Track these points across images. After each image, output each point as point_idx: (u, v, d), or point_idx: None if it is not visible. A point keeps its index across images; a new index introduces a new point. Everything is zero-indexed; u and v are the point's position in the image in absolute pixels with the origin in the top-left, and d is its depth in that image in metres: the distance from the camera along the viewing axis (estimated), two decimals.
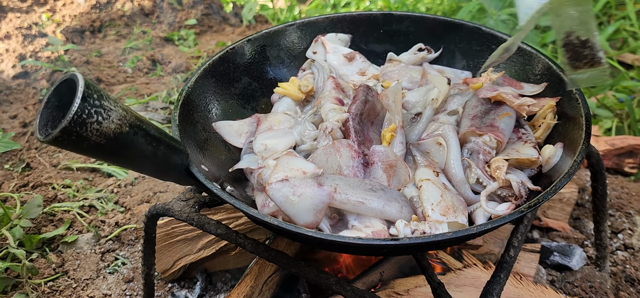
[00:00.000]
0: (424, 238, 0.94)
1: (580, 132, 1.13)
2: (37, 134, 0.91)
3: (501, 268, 1.08)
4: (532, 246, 1.60)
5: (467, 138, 1.20)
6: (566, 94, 1.25)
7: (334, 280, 1.08)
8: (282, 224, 0.96)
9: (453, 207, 1.07)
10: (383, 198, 1.08)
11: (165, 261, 1.64)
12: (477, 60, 1.50)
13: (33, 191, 2.09)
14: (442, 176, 1.16)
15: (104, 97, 0.89)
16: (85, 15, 3.46)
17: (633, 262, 1.69)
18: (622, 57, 2.83)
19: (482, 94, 1.26)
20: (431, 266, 1.09)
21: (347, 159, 1.15)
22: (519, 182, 1.10)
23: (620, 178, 2.06)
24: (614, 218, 1.86)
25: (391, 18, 1.58)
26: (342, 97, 1.36)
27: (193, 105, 1.31)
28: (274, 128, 1.32)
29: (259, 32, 1.52)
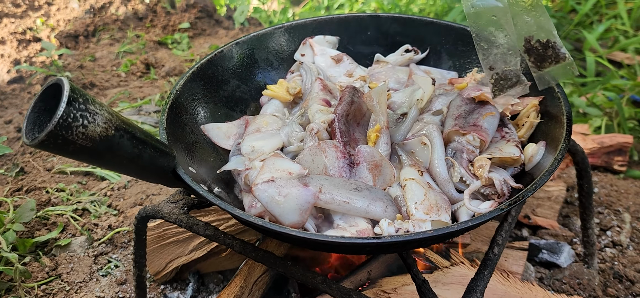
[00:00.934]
0: (406, 237, 0.95)
1: (562, 130, 1.14)
2: (24, 137, 0.92)
3: (485, 266, 1.10)
4: (520, 244, 1.62)
5: (451, 137, 1.21)
6: (549, 93, 1.26)
7: (320, 279, 1.09)
8: (267, 224, 0.98)
9: (436, 206, 1.09)
10: (368, 198, 1.10)
11: (157, 263, 1.66)
12: (463, 60, 1.52)
13: (27, 195, 2.11)
14: (427, 175, 1.17)
15: (90, 101, 0.91)
16: (80, 20, 3.47)
17: (621, 258, 1.71)
18: (612, 56, 2.85)
19: (466, 94, 1.28)
20: (416, 264, 1.10)
21: (332, 160, 1.17)
22: (502, 180, 1.12)
23: (609, 176, 2.07)
24: (603, 215, 1.88)
25: (378, 20, 1.60)
26: (330, 98, 1.38)
27: (181, 108, 1.32)
28: (262, 130, 1.34)
29: (247, 35, 1.54)
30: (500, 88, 1.14)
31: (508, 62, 1.12)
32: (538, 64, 1.11)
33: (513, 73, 1.12)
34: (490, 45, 1.11)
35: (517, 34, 1.10)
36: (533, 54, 1.11)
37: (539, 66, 1.11)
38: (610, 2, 3.27)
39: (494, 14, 1.11)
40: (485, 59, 1.14)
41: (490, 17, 1.11)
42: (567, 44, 3.02)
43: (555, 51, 1.10)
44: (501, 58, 1.12)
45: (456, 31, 1.51)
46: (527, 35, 1.10)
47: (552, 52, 1.10)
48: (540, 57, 1.11)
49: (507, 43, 1.10)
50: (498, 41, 1.11)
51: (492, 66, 1.14)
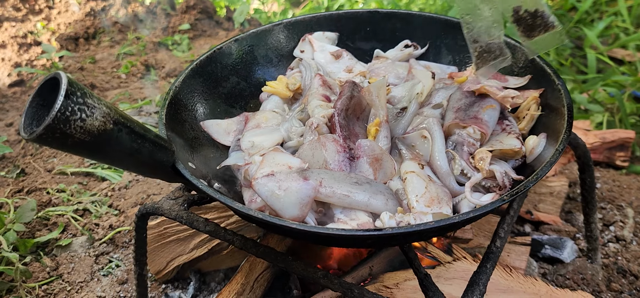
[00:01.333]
0: (407, 229, 0.95)
1: (563, 122, 1.14)
2: (22, 132, 0.92)
3: (487, 259, 1.09)
4: (522, 239, 1.61)
5: (451, 130, 1.21)
6: (549, 85, 1.26)
7: (321, 274, 1.08)
8: (267, 217, 0.97)
9: (437, 199, 1.08)
10: (368, 191, 1.09)
11: (158, 262, 1.65)
12: (462, 55, 1.51)
13: (28, 196, 2.10)
14: (427, 168, 1.17)
15: (87, 95, 0.91)
16: (80, 23, 3.47)
17: (625, 253, 1.70)
18: (612, 53, 2.84)
19: (466, 87, 1.27)
20: (418, 258, 1.10)
21: (332, 154, 1.16)
22: (503, 172, 1.11)
23: (611, 172, 2.07)
24: (606, 211, 1.87)
25: (377, 15, 1.60)
26: (329, 94, 1.37)
27: (181, 104, 1.32)
28: (262, 125, 1.34)
29: (247, 32, 1.54)
30: (483, 60, 1.15)
31: (492, 34, 1.13)
32: (527, 34, 1.12)
33: (496, 45, 1.13)
34: (475, 18, 1.13)
35: (506, 6, 1.10)
36: (522, 24, 1.12)
37: (528, 35, 1.12)
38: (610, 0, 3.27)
39: None
40: (470, 31, 1.15)
41: None
42: (567, 42, 3.01)
43: (544, 19, 1.11)
44: (485, 31, 1.13)
45: (456, 26, 1.51)
46: (516, 5, 1.10)
47: (541, 20, 1.11)
48: (529, 26, 1.12)
49: (492, 16, 1.11)
50: (483, 14, 1.12)
51: (476, 39, 1.15)
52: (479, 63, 1.17)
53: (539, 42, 1.12)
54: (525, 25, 1.11)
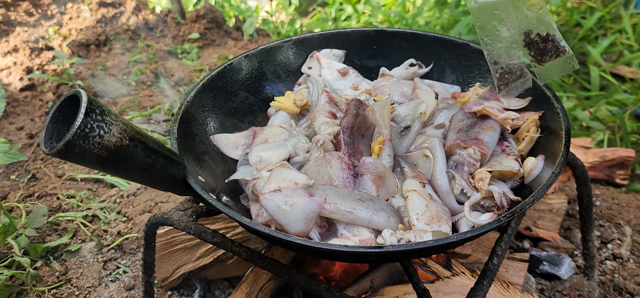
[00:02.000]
0: (407, 247, 0.99)
1: (561, 145, 1.18)
2: (43, 146, 0.97)
3: (484, 275, 1.13)
4: (521, 255, 1.65)
5: (452, 150, 1.25)
6: (549, 108, 1.30)
7: (324, 287, 1.13)
8: (274, 233, 1.02)
9: (437, 217, 1.12)
10: (371, 208, 1.13)
11: (165, 269, 1.70)
12: (466, 75, 1.55)
13: (38, 201, 2.15)
14: (429, 187, 1.21)
15: (106, 112, 0.95)
16: (91, 29, 3.54)
17: (622, 271, 1.73)
18: (616, 70, 2.88)
19: (468, 108, 1.31)
20: (417, 274, 1.14)
21: (337, 170, 1.20)
22: (501, 192, 1.15)
23: (611, 190, 2.10)
24: (604, 228, 1.90)
25: (384, 34, 1.64)
26: (335, 110, 1.42)
27: (191, 118, 1.36)
28: (269, 140, 1.38)
29: (256, 48, 1.58)
30: (505, 82, 1.16)
31: (511, 55, 1.14)
32: (538, 58, 1.13)
33: (517, 66, 1.14)
34: (493, 39, 1.13)
35: (522, 27, 1.11)
36: (533, 48, 1.13)
37: (539, 60, 1.14)
38: (615, 17, 3.30)
39: (496, 8, 1.12)
40: (489, 53, 1.15)
41: (492, 11, 1.13)
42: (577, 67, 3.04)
43: (555, 44, 1.12)
44: (505, 52, 1.13)
45: (460, 46, 1.55)
46: (526, 29, 1.12)
47: (552, 45, 1.12)
48: (540, 51, 1.13)
49: (510, 36, 1.12)
50: (501, 35, 1.13)
51: (496, 60, 1.15)
52: (501, 85, 1.18)
53: (549, 68, 1.14)
54: (536, 49, 1.13)
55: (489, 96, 1.39)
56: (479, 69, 1.52)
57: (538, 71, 1.15)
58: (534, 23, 1.11)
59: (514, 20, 1.11)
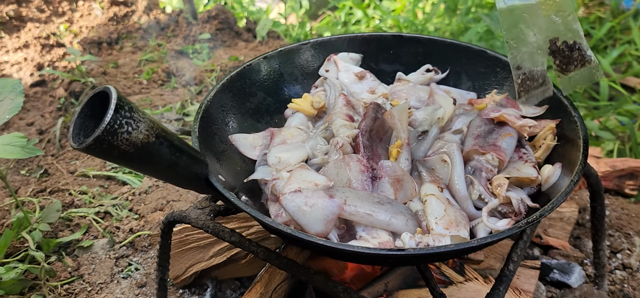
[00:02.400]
0: (428, 250, 1.00)
1: (578, 153, 1.19)
2: (71, 142, 0.98)
3: (501, 281, 1.14)
4: (532, 263, 1.66)
5: (470, 156, 1.26)
6: (566, 116, 1.31)
7: (341, 288, 1.14)
8: (295, 232, 1.03)
9: (456, 222, 1.14)
10: (390, 211, 1.14)
11: (178, 267, 1.71)
12: (482, 82, 1.57)
13: (50, 196, 2.17)
14: (446, 192, 1.22)
15: (134, 109, 0.97)
16: (103, 27, 3.56)
17: (631, 281, 1.74)
18: (625, 81, 2.89)
19: (486, 115, 1.33)
20: (433, 278, 1.15)
21: (356, 173, 1.22)
22: (519, 199, 1.16)
23: (621, 200, 2.11)
24: (614, 238, 1.91)
25: (401, 40, 1.66)
26: (353, 113, 1.43)
27: (211, 118, 1.38)
28: (288, 142, 1.39)
29: (275, 50, 1.60)
30: (526, 89, 1.14)
31: (536, 61, 1.11)
32: (563, 68, 1.10)
33: (539, 73, 1.11)
34: (519, 43, 1.11)
35: (549, 32, 1.09)
36: (559, 57, 1.10)
37: (564, 70, 1.11)
38: (625, 28, 3.31)
39: (525, 12, 1.10)
40: (513, 57, 1.13)
41: (521, 14, 1.10)
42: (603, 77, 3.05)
43: (581, 54, 1.09)
44: (529, 58, 1.11)
45: (476, 53, 1.57)
46: (552, 37, 1.09)
47: (578, 54, 1.09)
48: (566, 59, 1.10)
49: (536, 42, 1.09)
50: (528, 39, 1.10)
51: (520, 65, 1.13)
52: (521, 91, 1.16)
53: (573, 78, 1.12)
54: (561, 58, 1.10)
55: (505, 103, 1.40)
56: (495, 76, 1.53)
57: (561, 81, 1.14)
58: (561, 30, 1.09)
59: (542, 25, 1.09)
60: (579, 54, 1.10)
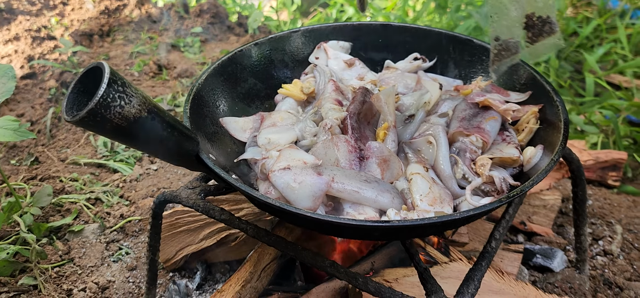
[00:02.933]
0: (412, 222, 1.03)
1: (559, 136, 1.23)
2: (64, 114, 1.00)
3: (483, 257, 1.17)
4: (516, 247, 1.70)
5: (455, 138, 1.30)
6: (548, 101, 1.35)
7: (328, 263, 1.17)
8: (284, 206, 1.06)
9: (440, 198, 1.17)
10: (376, 189, 1.18)
11: (168, 251, 1.73)
12: (468, 70, 1.61)
13: (41, 183, 2.18)
14: (432, 172, 1.25)
15: (127, 85, 0.99)
16: (94, 20, 3.56)
17: (611, 267, 1.79)
18: (610, 78, 2.94)
19: (471, 99, 1.36)
20: (418, 254, 1.18)
21: (344, 153, 1.25)
22: (501, 178, 1.20)
23: (604, 190, 2.16)
24: (596, 226, 1.96)
25: (390, 28, 1.69)
26: (341, 98, 1.46)
27: (203, 100, 1.40)
28: (278, 124, 1.42)
29: (266, 37, 1.63)
30: (500, 58, 1.21)
31: (513, 33, 1.18)
32: (534, 39, 1.18)
33: (513, 44, 1.19)
34: (500, 17, 1.17)
35: (529, 7, 1.16)
36: (532, 29, 1.18)
37: (534, 41, 1.19)
38: (611, 27, 3.37)
39: None
40: (493, 30, 1.19)
41: None
42: (567, 65, 3.11)
43: (551, 26, 1.17)
44: (507, 30, 1.18)
45: (463, 42, 1.60)
46: (530, 12, 1.16)
47: (548, 27, 1.17)
48: (538, 31, 1.18)
49: (516, 16, 1.17)
50: (510, 14, 1.17)
51: (498, 37, 1.20)
52: (495, 59, 1.23)
53: (540, 47, 1.19)
54: (534, 30, 1.18)
55: (490, 89, 1.44)
56: (481, 64, 1.57)
57: (530, 50, 1.20)
58: (539, 6, 1.16)
59: (523, 2, 1.15)
60: (549, 27, 1.16)
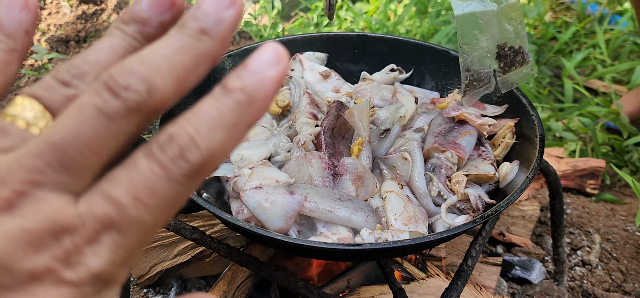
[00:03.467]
0: (385, 245, 1.01)
1: (535, 151, 1.22)
2: None
3: (459, 276, 1.16)
4: (494, 260, 1.68)
5: (431, 154, 1.28)
6: (524, 115, 1.34)
7: (302, 284, 1.14)
8: (254, 228, 1.03)
9: (415, 218, 1.15)
10: (350, 208, 1.15)
11: (141, 266, 1.69)
12: (445, 81, 1.59)
13: None
14: (407, 188, 1.24)
15: None
16: (71, 25, 3.50)
17: (590, 277, 1.78)
18: (589, 84, 2.96)
19: (446, 113, 1.35)
20: (394, 273, 1.16)
21: (318, 170, 1.22)
22: (477, 196, 1.18)
23: (582, 198, 2.16)
24: (574, 235, 1.96)
25: (366, 39, 1.67)
26: (317, 112, 1.44)
27: (173, 115, 1.36)
28: (251, 139, 1.39)
29: (240, 48, 1.59)
30: (471, 88, 1.19)
31: (484, 64, 1.17)
32: (506, 69, 1.17)
33: (485, 74, 1.17)
34: (471, 48, 1.15)
35: (501, 38, 1.15)
36: (503, 60, 1.17)
37: (506, 71, 1.17)
38: (590, 32, 3.39)
39: (481, 18, 1.14)
40: (464, 61, 1.17)
41: (476, 21, 1.14)
42: (547, 70, 3.12)
43: (523, 56, 1.16)
44: (478, 61, 1.16)
45: (440, 53, 1.59)
46: (502, 43, 1.15)
47: (520, 57, 1.16)
48: (510, 62, 1.17)
49: (487, 47, 1.15)
50: (480, 44, 1.15)
51: (469, 68, 1.18)
52: (467, 90, 1.21)
53: (512, 77, 1.18)
54: (505, 61, 1.17)
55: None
56: (457, 76, 1.55)
57: (501, 80, 1.19)
58: (511, 37, 1.14)
59: (495, 32, 1.13)
60: (521, 57, 1.16)
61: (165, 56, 0.35)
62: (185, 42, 0.36)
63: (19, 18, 0.40)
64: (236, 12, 0.38)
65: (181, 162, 0.32)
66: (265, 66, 0.36)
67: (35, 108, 0.35)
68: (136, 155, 0.33)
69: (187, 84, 0.37)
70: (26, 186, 0.31)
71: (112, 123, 0.33)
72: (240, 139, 0.36)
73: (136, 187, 0.32)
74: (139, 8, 0.39)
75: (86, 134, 0.32)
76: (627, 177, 1.55)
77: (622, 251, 1.89)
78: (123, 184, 0.32)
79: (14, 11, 0.40)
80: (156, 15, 0.39)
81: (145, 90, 0.33)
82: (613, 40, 3.19)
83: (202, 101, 0.35)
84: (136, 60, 0.34)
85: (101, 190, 0.32)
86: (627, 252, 1.88)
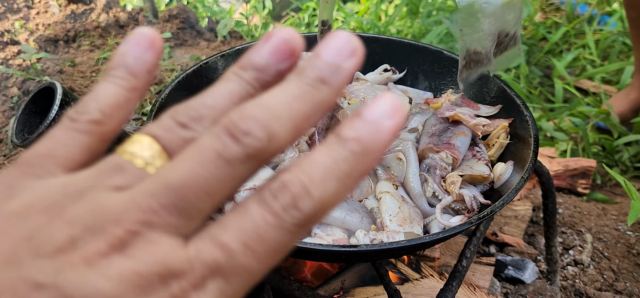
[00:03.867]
0: (380, 246, 1.01)
1: (529, 151, 1.22)
2: (14, 138, 0.95)
3: (453, 277, 1.16)
4: (487, 260, 1.69)
5: (425, 154, 1.28)
6: (518, 115, 1.34)
7: (296, 286, 1.13)
8: None
9: (410, 218, 1.15)
10: (345, 209, 1.15)
11: None
12: (438, 82, 1.59)
13: None
14: (401, 189, 1.23)
15: None
16: (60, 25, 3.47)
17: (582, 277, 1.79)
18: (579, 84, 2.98)
19: (441, 114, 1.34)
20: (388, 274, 1.16)
21: None
22: (472, 196, 1.18)
23: (573, 198, 2.17)
24: (566, 235, 1.96)
25: (359, 39, 1.66)
26: None
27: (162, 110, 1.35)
28: None
29: (232, 48, 1.58)
30: (468, 68, 1.19)
31: (484, 44, 1.16)
32: (497, 53, 1.18)
33: (483, 54, 1.18)
34: (472, 30, 1.15)
35: (501, 23, 1.15)
36: (499, 46, 1.17)
37: (496, 54, 1.18)
38: (579, 32, 3.41)
39: (485, 9, 1.13)
40: (464, 43, 1.17)
41: (480, 7, 1.13)
42: (537, 71, 3.14)
43: (515, 40, 1.17)
44: (478, 41, 1.16)
45: (433, 53, 1.59)
46: (502, 30, 1.15)
47: (513, 41, 1.16)
48: (503, 46, 1.17)
49: (489, 29, 1.15)
50: (482, 28, 1.15)
51: (469, 48, 1.18)
52: (464, 70, 1.22)
53: (502, 59, 1.18)
54: (501, 46, 1.17)
55: (461, 102, 1.42)
56: (451, 76, 1.56)
57: (493, 63, 1.19)
58: (511, 25, 1.14)
59: (498, 20, 1.13)
60: (513, 41, 1.16)
61: (285, 103, 0.34)
62: (304, 90, 0.35)
63: (144, 57, 0.40)
64: (356, 63, 0.38)
65: (293, 211, 0.32)
66: (382, 116, 0.35)
67: (154, 147, 0.35)
68: (248, 201, 0.33)
69: (303, 131, 0.36)
70: (140, 226, 0.30)
71: (231, 168, 0.32)
72: (352, 188, 0.35)
73: (246, 234, 0.31)
74: (259, 55, 0.38)
75: (204, 177, 0.32)
76: (618, 176, 1.55)
77: (614, 250, 1.90)
78: (233, 230, 0.32)
79: (140, 49, 0.39)
80: (275, 63, 0.38)
81: (265, 137, 0.33)
82: (602, 41, 3.22)
83: (316, 149, 0.34)
84: (257, 106, 0.34)
85: (211, 235, 0.32)
86: (618, 251, 1.89)
